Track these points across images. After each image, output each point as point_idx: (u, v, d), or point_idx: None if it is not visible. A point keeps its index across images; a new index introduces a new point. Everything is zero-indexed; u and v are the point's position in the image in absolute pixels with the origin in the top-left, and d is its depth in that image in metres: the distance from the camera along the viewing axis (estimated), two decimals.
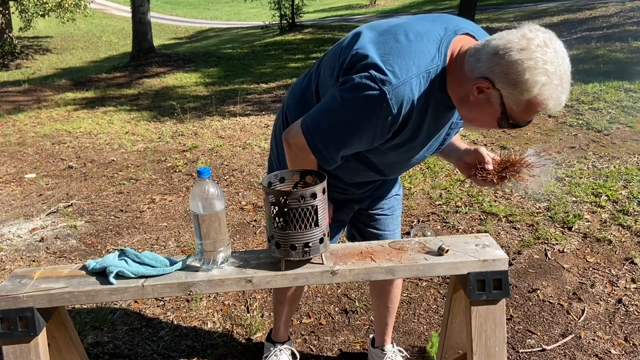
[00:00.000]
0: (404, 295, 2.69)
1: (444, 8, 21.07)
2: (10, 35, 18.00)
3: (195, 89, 9.56)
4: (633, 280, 2.68)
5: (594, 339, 2.31)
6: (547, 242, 3.09)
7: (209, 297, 2.77)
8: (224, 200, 1.36)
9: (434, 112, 1.38)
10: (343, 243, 1.59)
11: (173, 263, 1.39)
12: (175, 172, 4.87)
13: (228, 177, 4.63)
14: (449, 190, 3.93)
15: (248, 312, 2.64)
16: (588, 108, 5.63)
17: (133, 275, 1.35)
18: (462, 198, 3.77)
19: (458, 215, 3.53)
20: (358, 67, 1.32)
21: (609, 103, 5.76)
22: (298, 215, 1.29)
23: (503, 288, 1.38)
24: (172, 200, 4.18)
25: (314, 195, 1.29)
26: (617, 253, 2.93)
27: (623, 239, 3.06)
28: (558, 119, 5.43)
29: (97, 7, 25.89)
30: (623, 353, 2.21)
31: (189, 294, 1.36)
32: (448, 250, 1.40)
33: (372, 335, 2.29)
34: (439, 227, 3.42)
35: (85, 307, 2.71)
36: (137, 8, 12.91)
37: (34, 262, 3.27)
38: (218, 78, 10.69)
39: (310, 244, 1.32)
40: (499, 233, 3.25)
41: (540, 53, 1.19)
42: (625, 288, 2.63)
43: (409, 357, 2.25)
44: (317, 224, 1.31)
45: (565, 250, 2.99)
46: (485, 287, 1.38)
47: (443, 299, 2.66)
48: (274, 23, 19.09)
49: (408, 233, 3.12)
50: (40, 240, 3.55)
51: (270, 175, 1.41)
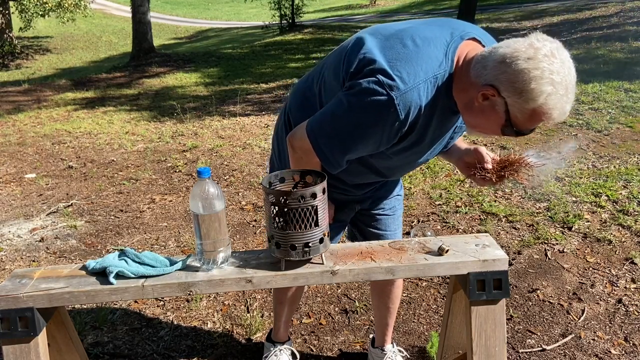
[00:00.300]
0: (404, 295, 2.69)
1: (444, 8, 21.06)
2: (10, 35, 18.00)
3: (195, 89, 9.56)
4: (633, 280, 2.68)
5: (594, 339, 2.31)
6: (547, 242, 3.10)
7: (209, 297, 2.77)
8: (224, 200, 1.36)
9: (440, 117, 1.38)
10: (343, 243, 1.59)
11: (173, 263, 1.39)
12: (175, 172, 4.87)
13: (228, 177, 4.63)
14: (449, 190, 3.93)
15: (248, 312, 2.64)
16: (588, 108, 5.63)
17: (133, 275, 1.35)
18: (462, 198, 3.77)
19: (458, 215, 3.53)
20: (365, 71, 1.31)
21: (609, 103, 5.76)
22: (298, 215, 1.29)
23: (503, 288, 1.38)
24: (172, 200, 4.18)
25: (314, 195, 1.29)
26: (617, 253, 2.93)
27: (623, 239, 3.06)
28: None
29: (97, 7, 25.89)
30: (623, 353, 2.21)
31: (189, 294, 1.36)
32: (448, 250, 1.40)
33: (372, 335, 2.29)
34: (439, 227, 3.42)
35: (85, 307, 2.71)
36: (137, 8, 12.91)
37: (34, 262, 3.27)
38: (218, 78, 10.69)
39: (310, 244, 1.32)
40: (499, 233, 3.25)
41: (547, 63, 1.19)
42: (625, 288, 2.63)
43: (409, 357, 2.25)
44: (317, 224, 1.31)
45: (565, 250, 2.99)
46: (485, 287, 1.38)
47: (443, 299, 2.66)
48: (274, 23, 19.09)
49: (408, 233, 3.12)
50: (40, 240, 3.55)
51: (270, 175, 1.41)
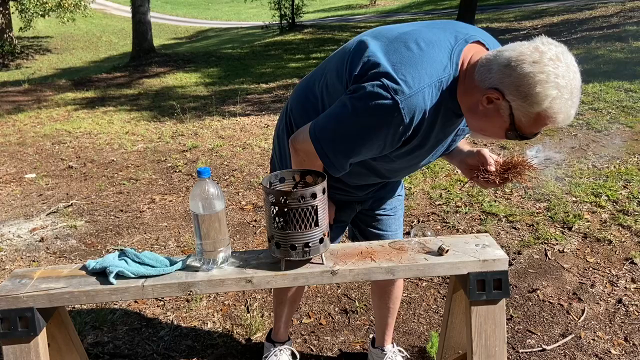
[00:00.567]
0: (404, 295, 2.69)
1: (444, 8, 21.07)
2: (10, 35, 18.01)
3: (195, 89, 9.56)
4: (633, 280, 2.68)
5: (594, 339, 2.31)
6: (547, 242, 3.10)
7: (209, 297, 2.77)
8: (224, 200, 1.36)
9: (443, 120, 1.38)
10: (343, 243, 1.59)
11: (173, 263, 1.39)
12: (175, 172, 4.87)
13: (228, 177, 4.63)
14: (449, 190, 3.93)
15: (248, 312, 2.64)
16: (588, 108, 5.62)
17: (133, 275, 1.35)
18: (462, 198, 3.78)
19: (458, 215, 3.53)
20: (370, 75, 1.31)
21: (609, 103, 5.76)
22: (298, 215, 1.29)
23: (503, 288, 1.38)
24: (172, 200, 4.18)
25: (314, 195, 1.29)
26: (617, 253, 2.93)
27: (623, 239, 3.06)
28: None
29: (97, 7, 25.90)
30: (623, 353, 2.21)
31: (189, 294, 1.36)
32: (448, 250, 1.40)
33: (372, 335, 2.29)
34: (439, 227, 3.42)
35: (85, 307, 2.71)
36: (137, 8, 12.91)
37: (34, 262, 3.27)
38: (218, 78, 10.69)
39: (310, 244, 1.32)
40: (499, 233, 3.25)
41: (552, 67, 1.19)
42: (625, 288, 2.63)
43: (409, 357, 2.25)
44: (317, 224, 1.31)
45: (565, 250, 2.99)
46: (485, 287, 1.38)
47: (443, 299, 2.66)
48: (274, 23, 19.10)
49: (408, 233, 3.12)
50: (40, 240, 3.55)
51: (271, 175, 1.41)
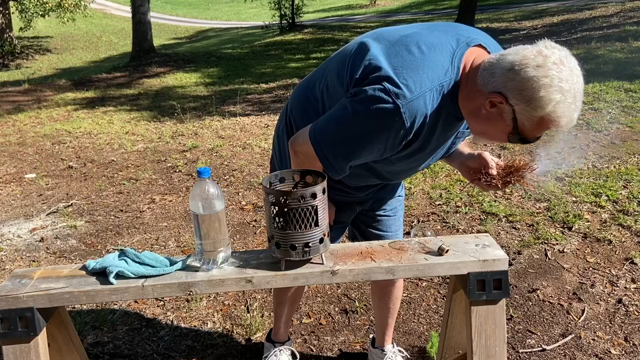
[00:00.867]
0: (404, 295, 2.69)
1: (444, 8, 21.07)
2: (10, 35, 18.01)
3: (195, 89, 9.56)
4: (633, 280, 2.68)
5: (594, 339, 2.31)
6: (547, 242, 3.09)
7: (209, 297, 2.77)
8: (224, 200, 1.36)
9: (444, 124, 1.38)
10: (343, 243, 1.59)
11: (173, 263, 1.39)
12: (175, 172, 4.87)
13: (228, 177, 4.63)
14: (449, 190, 3.93)
15: (248, 312, 2.64)
16: (588, 108, 5.62)
17: (133, 275, 1.35)
18: (462, 198, 3.78)
19: (458, 215, 3.53)
20: (371, 78, 1.30)
21: (609, 103, 5.76)
22: (298, 215, 1.29)
23: (503, 288, 1.38)
24: (172, 200, 4.18)
25: (314, 195, 1.29)
26: (617, 253, 2.93)
27: (623, 239, 3.06)
28: None
29: (97, 7, 25.90)
30: (623, 353, 2.21)
31: (189, 294, 1.36)
32: (448, 250, 1.40)
33: (372, 335, 2.29)
34: (439, 227, 3.42)
35: (85, 307, 2.71)
36: (137, 8, 12.91)
37: (34, 262, 3.27)
38: (218, 78, 10.69)
39: (310, 244, 1.32)
40: (499, 233, 3.25)
41: (556, 71, 1.19)
42: (625, 288, 2.63)
43: (409, 357, 2.25)
44: (317, 224, 1.31)
45: (565, 250, 2.99)
46: (485, 287, 1.38)
47: (443, 299, 2.66)
48: (274, 23, 19.10)
49: (408, 233, 3.12)
50: (40, 240, 3.55)
51: (271, 175, 1.41)
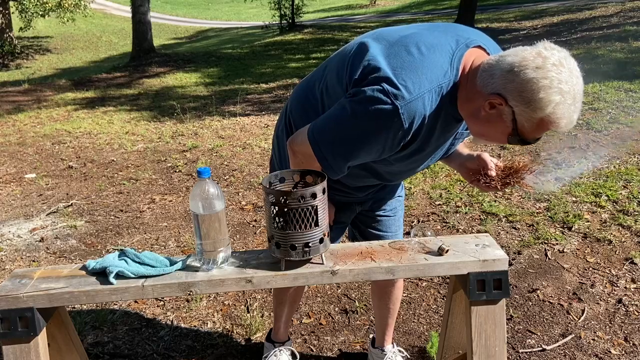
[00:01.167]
0: (404, 295, 2.69)
1: (444, 8, 21.06)
2: (10, 35, 18.01)
3: (195, 89, 9.56)
4: (633, 280, 2.68)
5: (594, 339, 2.31)
6: (547, 242, 3.10)
7: (209, 297, 2.77)
8: (224, 200, 1.36)
9: (443, 125, 1.38)
10: (343, 243, 1.59)
11: (173, 263, 1.39)
12: (175, 172, 4.87)
13: (228, 177, 4.63)
14: (449, 190, 3.93)
15: (248, 312, 2.64)
16: (588, 108, 5.62)
17: (133, 275, 1.35)
18: (462, 198, 3.78)
19: (458, 215, 3.53)
20: (370, 79, 1.30)
21: (609, 103, 5.76)
22: (298, 215, 1.29)
23: (503, 288, 1.38)
24: (172, 200, 4.18)
25: (314, 195, 1.29)
26: (617, 253, 2.93)
27: (623, 239, 3.06)
28: None
29: (97, 7, 25.90)
30: (623, 353, 2.21)
31: (189, 294, 1.36)
32: (448, 250, 1.40)
33: (372, 335, 2.29)
34: (439, 227, 3.42)
35: (85, 307, 2.71)
36: (137, 8, 12.91)
37: (34, 262, 3.27)
38: (218, 78, 10.69)
39: (310, 244, 1.32)
40: (499, 233, 3.25)
41: (556, 72, 1.19)
42: (625, 288, 2.63)
43: (409, 357, 2.25)
44: (317, 224, 1.31)
45: (565, 250, 2.99)
46: (485, 287, 1.38)
47: (443, 299, 2.66)
48: (274, 23, 19.10)
49: (408, 233, 3.12)
50: (40, 240, 3.55)
51: (271, 175, 1.41)
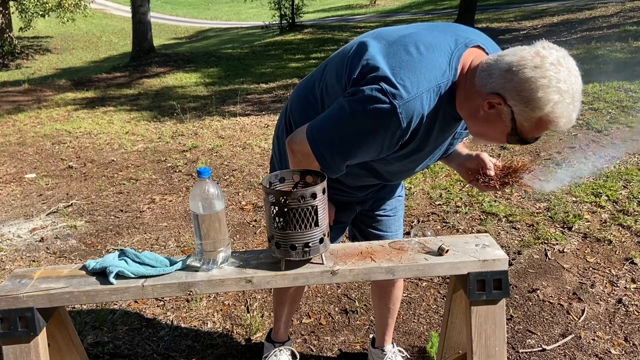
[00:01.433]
0: (404, 295, 2.69)
1: (444, 8, 21.06)
2: (10, 35, 18.01)
3: (195, 89, 9.56)
4: (633, 280, 2.68)
5: (594, 339, 2.31)
6: (547, 242, 3.10)
7: (209, 297, 2.77)
8: (224, 200, 1.36)
9: (441, 124, 1.38)
10: (343, 243, 1.59)
11: (173, 263, 1.39)
12: (175, 172, 4.87)
13: (228, 177, 4.63)
14: (449, 190, 3.93)
15: (248, 312, 2.64)
16: (588, 108, 5.62)
17: (133, 275, 1.35)
18: (462, 198, 3.78)
19: (458, 215, 3.53)
20: (368, 78, 1.31)
21: (609, 103, 5.76)
22: (298, 215, 1.29)
23: (503, 288, 1.38)
24: (172, 200, 4.18)
25: (314, 195, 1.29)
26: (617, 253, 2.93)
27: (623, 239, 3.06)
28: None
29: (97, 7, 25.90)
30: (623, 353, 2.21)
31: (189, 294, 1.36)
32: (448, 250, 1.40)
33: (372, 335, 2.29)
34: (439, 227, 3.42)
35: (85, 307, 2.71)
36: (137, 8, 12.91)
37: (34, 262, 3.27)
38: (218, 78, 10.69)
39: (310, 244, 1.32)
40: (499, 233, 3.25)
41: (554, 71, 1.19)
42: (625, 288, 2.63)
43: (409, 357, 2.25)
44: (317, 224, 1.31)
45: (565, 250, 2.99)
46: (485, 287, 1.38)
47: (443, 299, 2.66)
48: (274, 23, 19.10)
49: (408, 233, 3.12)
50: (40, 240, 3.55)
51: (271, 175, 1.41)
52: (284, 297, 2.07)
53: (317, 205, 1.30)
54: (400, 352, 2.22)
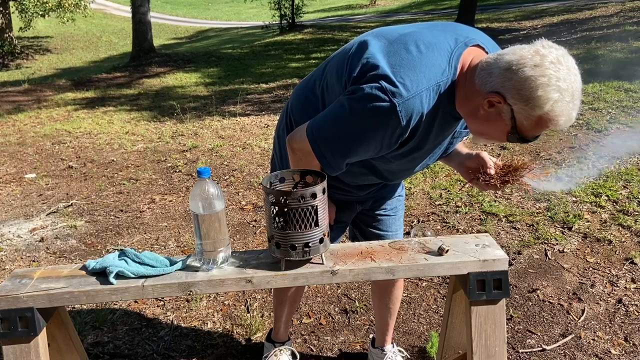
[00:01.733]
0: (404, 295, 2.69)
1: (444, 8, 21.06)
2: (10, 35, 18.01)
3: (195, 89, 9.56)
4: (633, 280, 2.68)
5: (594, 339, 2.31)
6: (547, 242, 3.10)
7: (209, 297, 2.77)
8: (224, 200, 1.36)
9: (441, 123, 1.39)
10: (343, 243, 1.59)
11: (173, 263, 1.39)
12: (175, 172, 4.87)
13: (228, 177, 4.63)
14: (449, 190, 3.93)
15: (248, 312, 2.64)
16: (588, 108, 5.62)
17: (133, 275, 1.35)
18: (462, 198, 3.78)
19: (458, 215, 3.53)
20: (368, 77, 1.31)
21: (609, 103, 5.76)
22: (298, 215, 1.29)
23: (503, 288, 1.38)
24: (172, 200, 4.18)
25: (314, 195, 1.29)
26: (617, 253, 2.93)
27: (623, 239, 3.06)
28: None
29: (97, 7, 25.90)
30: (623, 353, 2.21)
31: (189, 294, 1.36)
32: (448, 250, 1.40)
33: (372, 335, 2.29)
34: (439, 227, 3.42)
35: (85, 307, 2.71)
36: (137, 8, 12.91)
37: (34, 262, 3.27)
38: (218, 78, 10.69)
39: (310, 244, 1.32)
40: (499, 233, 3.25)
41: (554, 70, 1.19)
42: (625, 288, 2.63)
43: (409, 357, 2.25)
44: (317, 224, 1.31)
45: (565, 250, 2.99)
46: (485, 287, 1.38)
47: (443, 299, 2.66)
48: (274, 23, 19.10)
49: (408, 233, 3.12)
50: (40, 240, 3.55)
51: (271, 175, 1.41)
52: (284, 297, 2.07)
53: (317, 205, 1.30)
54: (400, 352, 2.22)
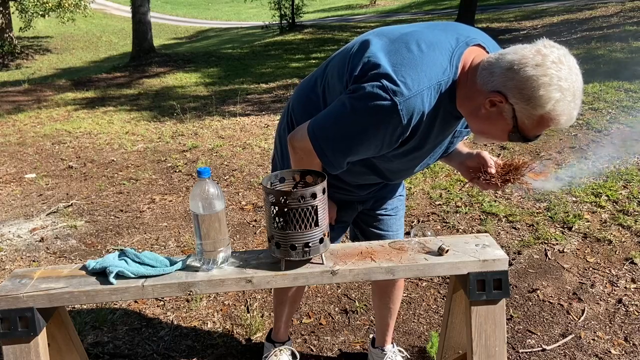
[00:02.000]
0: (404, 295, 2.69)
1: (444, 8, 21.06)
2: (10, 35, 18.01)
3: (195, 89, 9.56)
4: (633, 280, 2.68)
5: (594, 339, 2.31)
6: (547, 242, 3.10)
7: (209, 297, 2.77)
8: (224, 200, 1.36)
9: (442, 122, 1.39)
10: (343, 243, 1.59)
11: (173, 263, 1.39)
12: (175, 172, 4.87)
13: (228, 177, 4.63)
14: (449, 190, 3.93)
15: (248, 312, 2.64)
16: (588, 108, 5.62)
17: (133, 275, 1.35)
18: (462, 198, 3.78)
19: (458, 215, 3.53)
20: (370, 75, 1.31)
21: (609, 103, 5.76)
22: (298, 215, 1.29)
23: (503, 288, 1.38)
24: (172, 200, 4.18)
25: (314, 195, 1.29)
26: (617, 253, 2.93)
27: (623, 239, 3.06)
28: None
29: (97, 7, 25.90)
30: (623, 353, 2.21)
31: (189, 294, 1.36)
32: (448, 250, 1.40)
33: (372, 335, 2.29)
34: (439, 227, 3.42)
35: (85, 307, 2.71)
36: (137, 8, 12.91)
37: (34, 262, 3.27)
38: (218, 78, 10.69)
39: (310, 244, 1.32)
40: (499, 233, 3.25)
41: (555, 70, 1.19)
42: (625, 288, 2.63)
43: (409, 357, 2.25)
44: (317, 224, 1.31)
45: (565, 250, 2.99)
46: (485, 287, 1.38)
47: (443, 299, 2.66)
48: (274, 23, 19.10)
49: (408, 233, 3.12)
50: (40, 240, 3.55)
51: (271, 175, 1.41)
52: (284, 297, 2.07)
53: (317, 205, 1.30)
54: (400, 352, 2.22)
